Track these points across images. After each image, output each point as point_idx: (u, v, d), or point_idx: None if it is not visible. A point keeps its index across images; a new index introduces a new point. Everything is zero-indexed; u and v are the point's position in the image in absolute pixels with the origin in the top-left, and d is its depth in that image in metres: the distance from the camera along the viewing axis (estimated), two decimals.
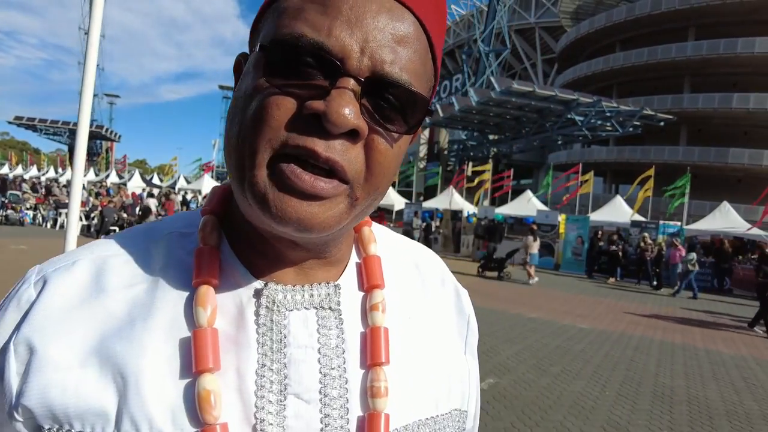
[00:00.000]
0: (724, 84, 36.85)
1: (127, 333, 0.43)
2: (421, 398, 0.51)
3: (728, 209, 18.31)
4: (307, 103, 0.38)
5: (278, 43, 0.39)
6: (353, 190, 0.41)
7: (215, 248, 0.47)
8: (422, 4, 0.43)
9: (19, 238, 13.92)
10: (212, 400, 0.41)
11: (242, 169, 0.41)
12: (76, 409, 0.41)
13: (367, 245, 0.54)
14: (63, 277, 0.45)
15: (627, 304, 11.79)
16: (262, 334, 0.45)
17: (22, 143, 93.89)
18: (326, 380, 0.46)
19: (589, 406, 4.73)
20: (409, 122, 0.42)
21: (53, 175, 37.59)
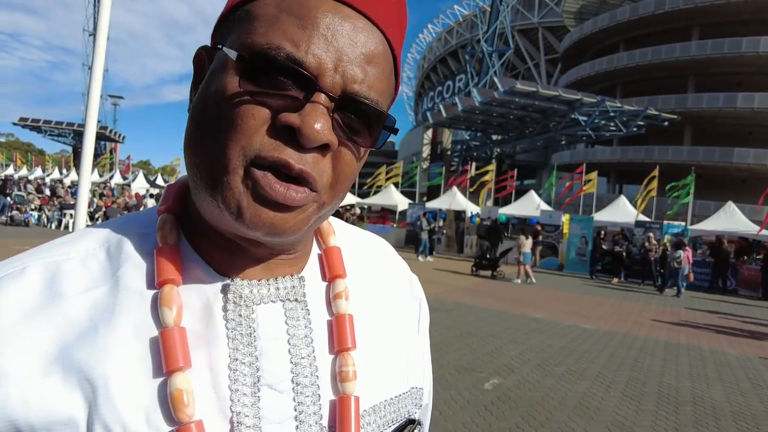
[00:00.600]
0: (728, 84, 36.71)
1: (91, 338, 0.42)
2: (385, 380, 0.54)
3: (733, 209, 18.23)
4: (282, 116, 0.40)
5: (256, 53, 0.40)
6: (320, 196, 0.43)
7: (175, 246, 0.47)
8: (390, 23, 0.45)
9: (24, 239, 13.98)
10: (185, 399, 0.41)
11: (214, 175, 0.41)
12: (43, 421, 0.39)
13: (327, 237, 0.56)
14: (13, 284, 0.43)
15: (631, 304, 11.75)
16: (231, 329, 0.45)
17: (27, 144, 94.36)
18: (297, 369, 0.47)
19: (594, 406, 4.71)
20: (373, 136, 0.44)
21: (58, 176, 37.75)
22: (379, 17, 0.44)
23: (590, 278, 16.48)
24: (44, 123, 53.30)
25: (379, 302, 0.58)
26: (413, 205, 22.98)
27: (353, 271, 0.56)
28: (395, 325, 0.58)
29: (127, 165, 43.58)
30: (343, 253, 0.56)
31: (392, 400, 0.53)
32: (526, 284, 13.64)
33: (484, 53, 41.23)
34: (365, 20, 0.43)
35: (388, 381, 0.54)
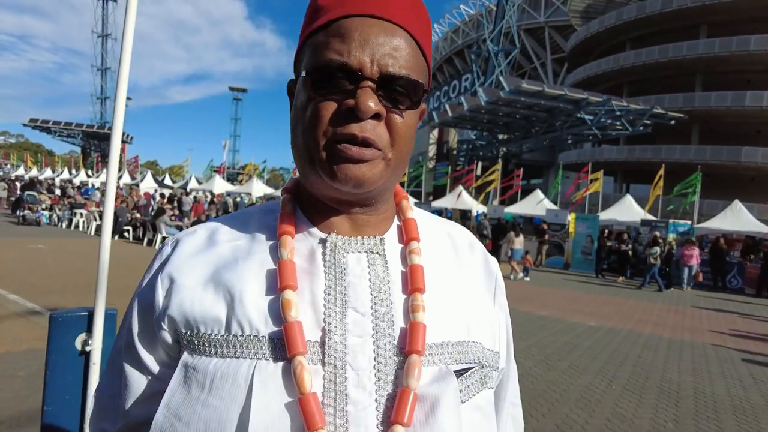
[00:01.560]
0: (736, 82, 36.44)
1: (233, 267, 0.61)
2: (452, 324, 0.64)
3: (740, 208, 18.20)
4: (344, 102, 0.57)
5: (317, 68, 0.58)
6: (385, 153, 0.59)
7: (291, 213, 0.66)
8: (408, 19, 0.60)
9: (37, 238, 14.21)
10: (291, 306, 0.57)
11: (310, 153, 0.59)
12: (201, 315, 0.59)
13: (406, 211, 0.71)
14: (189, 237, 0.67)
15: (636, 302, 11.79)
16: (328, 267, 0.62)
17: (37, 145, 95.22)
18: (376, 300, 0.61)
19: (596, 399, 4.81)
20: (412, 99, 0.60)
21: (67, 177, 38.14)
22: (397, 18, 0.59)
23: (596, 277, 16.51)
24: (54, 124, 53.85)
25: (451, 269, 0.69)
26: (419, 205, 23.05)
27: (427, 241, 0.69)
28: (466, 289, 0.68)
29: (135, 165, 43.94)
30: (420, 224, 0.70)
31: (459, 343, 0.63)
32: (516, 281, 13.72)
33: (490, 53, 41.17)
34: (387, 23, 0.58)
35: (454, 326, 0.63)
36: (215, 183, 32.36)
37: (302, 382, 0.53)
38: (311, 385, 0.54)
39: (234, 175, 60.76)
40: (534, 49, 56.95)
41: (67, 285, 8.03)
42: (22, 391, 3.89)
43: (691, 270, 14.40)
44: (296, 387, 0.54)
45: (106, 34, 63.21)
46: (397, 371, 0.58)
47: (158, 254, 0.67)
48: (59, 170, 43.41)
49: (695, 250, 14.50)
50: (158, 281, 0.63)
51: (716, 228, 17.81)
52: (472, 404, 0.62)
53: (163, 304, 0.61)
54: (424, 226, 0.71)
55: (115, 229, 16.14)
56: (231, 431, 0.53)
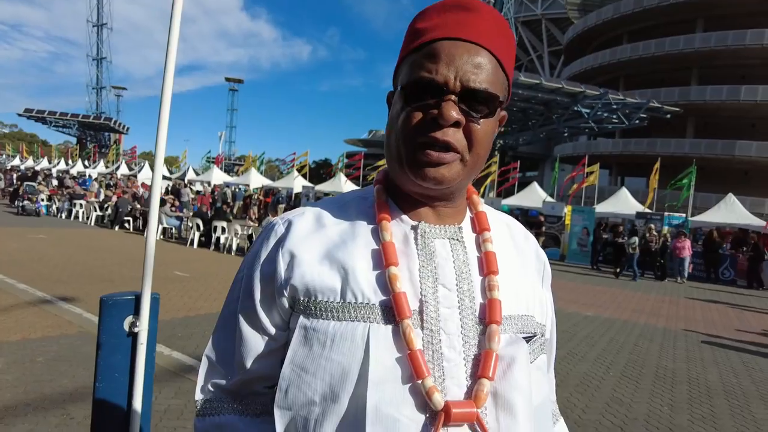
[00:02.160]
0: (732, 76, 36.65)
1: (342, 247, 0.73)
2: (518, 300, 0.76)
3: (733, 201, 18.43)
4: (430, 111, 0.67)
5: (410, 84, 0.69)
6: (463, 156, 0.69)
7: (385, 202, 0.77)
8: (489, 40, 0.70)
9: (37, 228, 14.26)
10: (397, 279, 0.68)
11: (399, 155, 0.71)
12: (320, 286, 0.70)
13: (477, 205, 0.83)
14: (299, 219, 0.77)
15: (632, 293, 12.02)
16: (420, 249, 0.73)
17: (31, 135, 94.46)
18: (459, 278, 0.72)
19: (594, 385, 5.00)
20: (489, 109, 0.70)
21: (64, 167, 37.96)
22: (479, 39, 0.68)
23: (591, 268, 16.74)
24: (49, 114, 53.44)
25: (512, 252, 0.81)
26: None
27: (495, 231, 0.80)
28: (524, 272, 0.80)
29: (133, 156, 43.77)
30: (488, 216, 0.82)
31: (523, 317, 0.75)
32: None
33: None
34: (470, 44, 0.68)
35: (520, 302, 0.76)
36: (213, 174, 32.35)
37: (411, 340, 0.65)
38: (419, 344, 0.66)
39: (230, 165, 60.60)
40: (531, 41, 56.90)
41: (73, 275, 8.13)
42: (43, 376, 4.01)
43: (684, 261, 14.64)
44: (405, 345, 0.65)
45: (101, 24, 62.60)
46: (479, 336, 0.70)
47: (271, 232, 0.77)
48: (55, 161, 43.18)
49: (687, 242, 14.76)
50: (279, 255, 0.73)
51: (710, 221, 18.05)
52: (535, 365, 0.75)
53: (285, 275, 0.72)
54: (490, 218, 0.82)
55: (116, 219, 16.19)
56: (353, 380, 0.64)
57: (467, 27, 0.69)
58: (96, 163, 41.25)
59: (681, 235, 15.05)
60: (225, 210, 14.10)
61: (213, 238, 13.24)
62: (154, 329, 1.93)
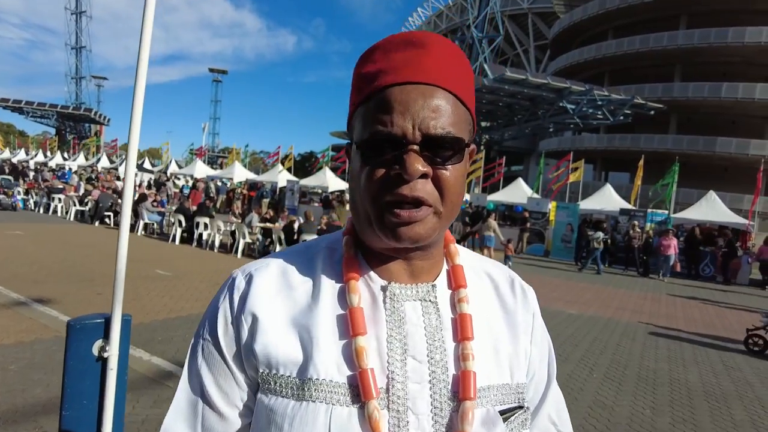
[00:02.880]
0: (714, 73, 37.18)
1: (306, 313, 0.67)
2: (496, 368, 0.70)
3: (714, 198, 18.72)
4: (392, 168, 0.61)
5: (365, 142, 0.63)
6: (436, 208, 0.63)
7: (354, 257, 0.71)
8: (443, 76, 0.64)
9: (14, 224, 13.90)
10: (364, 354, 0.62)
11: (368, 217, 0.65)
12: (282, 358, 0.64)
13: (454, 257, 0.76)
14: (262, 273, 0.70)
15: (614, 290, 12.14)
16: (388, 315, 0.67)
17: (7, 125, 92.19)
18: (431, 348, 0.66)
19: (578, 387, 5.01)
20: (456, 153, 0.64)
21: (42, 159, 37.13)
22: (433, 78, 0.62)
23: (575, 264, 16.89)
24: (26, 104, 52.15)
25: (493, 310, 0.75)
26: None
27: (472, 284, 0.74)
28: (507, 330, 0.74)
29: (114, 148, 42.98)
30: (465, 269, 0.75)
31: (502, 386, 0.69)
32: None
33: (474, 39, 41.14)
34: (424, 86, 0.62)
35: (499, 370, 0.70)
36: (196, 167, 31.90)
37: (377, 426, 0.60)
38: (386, 430, 0.61)
39: (214, 158, 59.86)
40: (517, 36, 57.02)
41: (50, 274, 7.93)
42: (15, 385, 3.89)
43: (669, 260, 14.67)
44: (371, 431, 0.60)
45: (80, 12, 61.15)
46: (452, 414, 0.65)
47: (232, 286, 0.70)
48: (33, 152, 42.20)
49: (673, 240, 14.76)
50: (242, 317, 0.67)
51: (692, 218, 18.32)
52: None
53: (247, 341, 0.66)
54: (468, 270, 0.76)
55: (95, 214, 15.87)
56: None
57: (417, 67, 0.63)
58: (76, 155, 40.43)
59: (667, 233, 15.08)
60: (208, 205, 13.88)
61: (195, 234, 13.06)
62: (125, 353, 1.85)
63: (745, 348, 7.30)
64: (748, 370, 6.29)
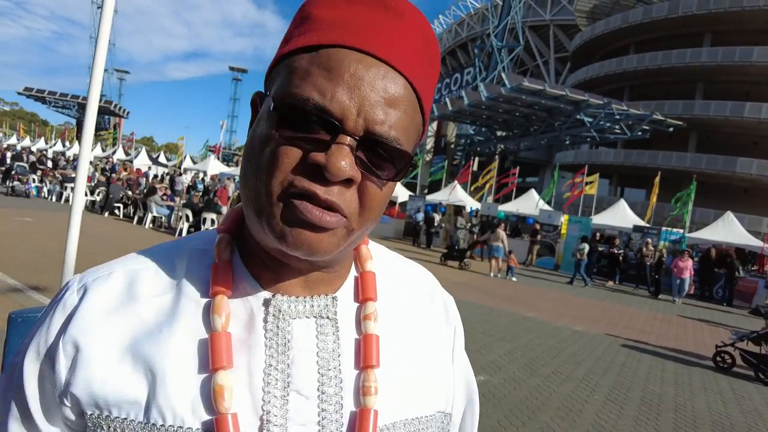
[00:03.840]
0: (737, 93, 36.49)
1: (155, 336, 0.51)
2: (408, 399, 0.57)
3: (731, 219, 18.27)
4: (311, 155, 0.46)
5: (288, 104, 0.46)
6: (350, 222, 0.49)
7: (228, 262, 0.55)
8: (412, 67, 0.49)
9: (25, 210, 14.03)
10: (225, 394, 0.48)
11: (259, 204, 0.48)
12: (114, 398, 0.49)
13: (364, 262, 0.61)
14: (101, 285, 0.54)
15: (623, 308, 11.83)
16: (269, 338, 0.52)
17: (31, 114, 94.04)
18: (323, 379, 0.53)
19: (577, 408, 4.80)
20: (396, 170, 0.49)
21: (60, 149, 37.68)
22: (400, 63, 0.48)
23: None
24: (49, 94, 53.04)
25: (409, 326, 0.61)
26: (414, 198, 23.00)
27: (385, 295, 0.61)
28: (424, 350, 0.61)
29: (130, 141, 43.48)
30: (378, 277, 0.61)
31: (413, 420, 0.57)
32: (499, 278, 13.83)
33: (494, 48, 40.91)
34: (387, 67, 0.48)
35: (411, 401, 0.57)
36: (210, 163, 32.05)
37: None
38: None
39: (229, 156, 60.33)
40: (537, 47, 56.69)
41: (52, 262, 7.91)
42: None
43: (684, 282, 13.98)
44: None
45: None
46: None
47: (60, 301, 0.54)
48: (52, 141, 42.87)
49: (689, 262, 14.05)
50: (59, 347, 0.51)
51: (708, 238, 17.88)
52: None
53: (65, 378, 0.50)
54: (383, 277, 0.62)
55: (105, 205, 15.97)
56: None
57: (387, 40, 0.48)
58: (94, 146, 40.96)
59: (683, 255, 14.39)
60: (216, 201, 13.88)
61: (202, 229, 13.02)
62: None
63: (714, 364, 7.27)
64: (759, 399, 6.01)
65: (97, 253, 9.32)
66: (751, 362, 7.00)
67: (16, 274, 6.80)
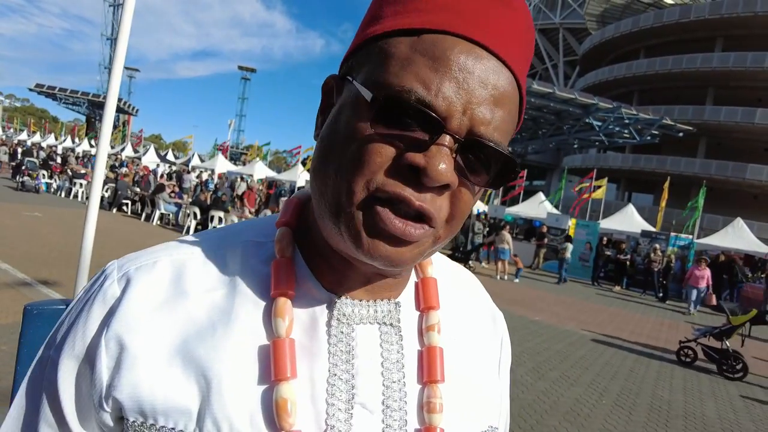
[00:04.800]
0: (748, 98, 36.19)
1: (209, 337, 0.46)
2: (468, 416, 0.54)
3: (741, 226, 18.10)
4: (408, 155, 0.41)
5: (389, 96, 0.41)
6: (437, 231, 0.45)
7: (290, 260, 0.50)
8: (519, 61, 0.45)
9: (34, 206, 14.11)
10: (289, 408, 0.44)
11: (339, 204, 0.44)
12: (163, 405, 0.44)
13: (425, 267, 0.57)
14: (145, 275, 0.49)
15: (631, 313, 11.74)
16: (333, 344, 0.48)
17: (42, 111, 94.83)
18: (388, 392, 0.49)
19: (585, 413, 4.75)
20: (492, 176, 0.45)
21: (70, 145, 37.97)
22: (509, 56, 0.44)
23: (592, 284, 16.47)
24: (60, 91, 53.41)
25: (467, 338, 0.58)
26: None
27: (445, 304, 0.57)
28: (478, 363, 0.58)
29: (139, 138, 43.75)
30: (438, 284, 0.57)
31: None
32: (505, 281, 13.81)
33: None
34: (496, 60, 0.43)
35: (471, 418, 0.54)
36: (218, 162, 32.18)
37: None
38: None
39: (237, 155, 60.55)
40: (547, 50, 56.54)
41: (60, 257, 7.95)
42: (4, 367, 3.82)
43: (700, 292, 13.09)
44: None
45: (118, 4, 62.62)
46: None
47: (99, 291, 0.48)
48: (62, 138, 43.22)
49: (706, 271, 13.06)
50: (101, 344, 0.45)
51: (716, 245, 17.73)
52: None
53: (108, 381, 0.45)
54: (442, 285, 0.59)
55: (114, 201, 16.05)
56: None
57: (497, 27, 0.43)
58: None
59: (701, 263, 13.31)
60: (223, 200, 13.93)
61: (209, 227, 13.07)
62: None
63: (677, 359, 7.49)
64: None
65: (106, 248, 9.35)
66: (713, 357, 7.22)
67: (25, 268, 6.84)
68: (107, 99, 1.64)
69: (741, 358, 7.03)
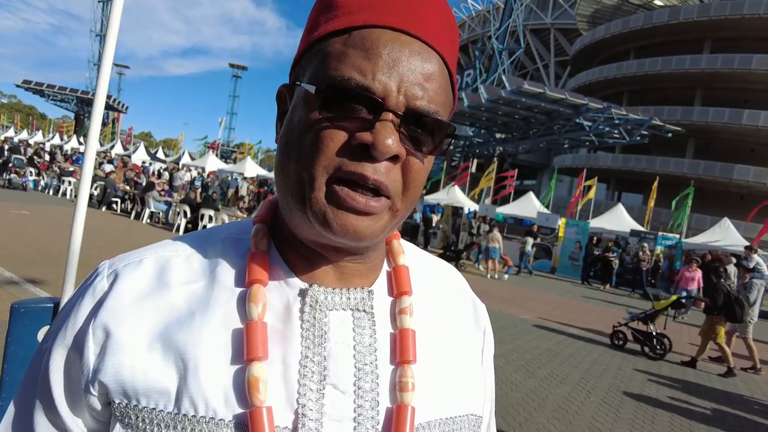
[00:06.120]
0: (735, 99, 36.65)
1: (188, 324, 0.50)
2: (443, 398, 0.56)
3: (728, 225, 18.32)
4: (357, 135, 0.46)
5: (331, 86, 0.46)
6: (394, 203, 0.49)
7: (265, 252, 0.54)
8: (443, 43, 0.51)
9: (22, 203, 13.95)
10: (260, 386, 0.47)
11: (302, 191, 0.48)
12: (144, 387, 0.48)
13: (397, 256, 0.61)
14: (132, 272, 0.53)
15: (620, 312, 11.84)
16: (306, 329, 0.51)
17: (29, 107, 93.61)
18: (360, 374, 0.51)
19: (573, 411, 4.80)
20: (436, 143, 0.50)
21: (58, 142, 37.54)
22: (433, 39, 0.49)
23: (581, 284, 16.60)
24: (47, 87, 52.77)
25: (441, 324, 0.60)
26: None
27: (418, 291, 0.60)
28: (456, 349, 0.60)
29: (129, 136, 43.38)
30: (411, 272, 0.60)
31: (447, 420, 0.55)
32: (495, 279, 13.88)
33: (495, 50, 40.96)
34: (421, 44, 0.48)
35: (445, 400, 0.56)
36: (208, 160, 32.00)
37: None
38: None
39: (228, 152, 60.21)
40: (538, 50, 56.80)
41: (48, 255, 7.88)
42: None
43: (690, 294, 12.22)
44: None
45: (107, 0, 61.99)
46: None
47: (89, 287, 0.53)
48: (50, 135, 42.71)
49: (697, 273, 12.47)
50: (89, 332, 0.49)
51: (703, 243, 17.94)
52: None
53: (94, 365, 0.49)
54: (414, 273, 0.61)
55: (103, 199, 15.91)
56: None
57: (419, 17, 0.49)
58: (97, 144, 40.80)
59: (692, 264, 12.73)
60: (214, 198, 13.86)
61: (200, 225, 13.00)
62: None
63: (610, 342, 8.02)
64: (756, 404, 6.03)
65: (95, 246, 9.27)
66: (639, 339, 7.70)
67: (12, 266, 6.76)
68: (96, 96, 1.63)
69: (663, 340, 7.59)
